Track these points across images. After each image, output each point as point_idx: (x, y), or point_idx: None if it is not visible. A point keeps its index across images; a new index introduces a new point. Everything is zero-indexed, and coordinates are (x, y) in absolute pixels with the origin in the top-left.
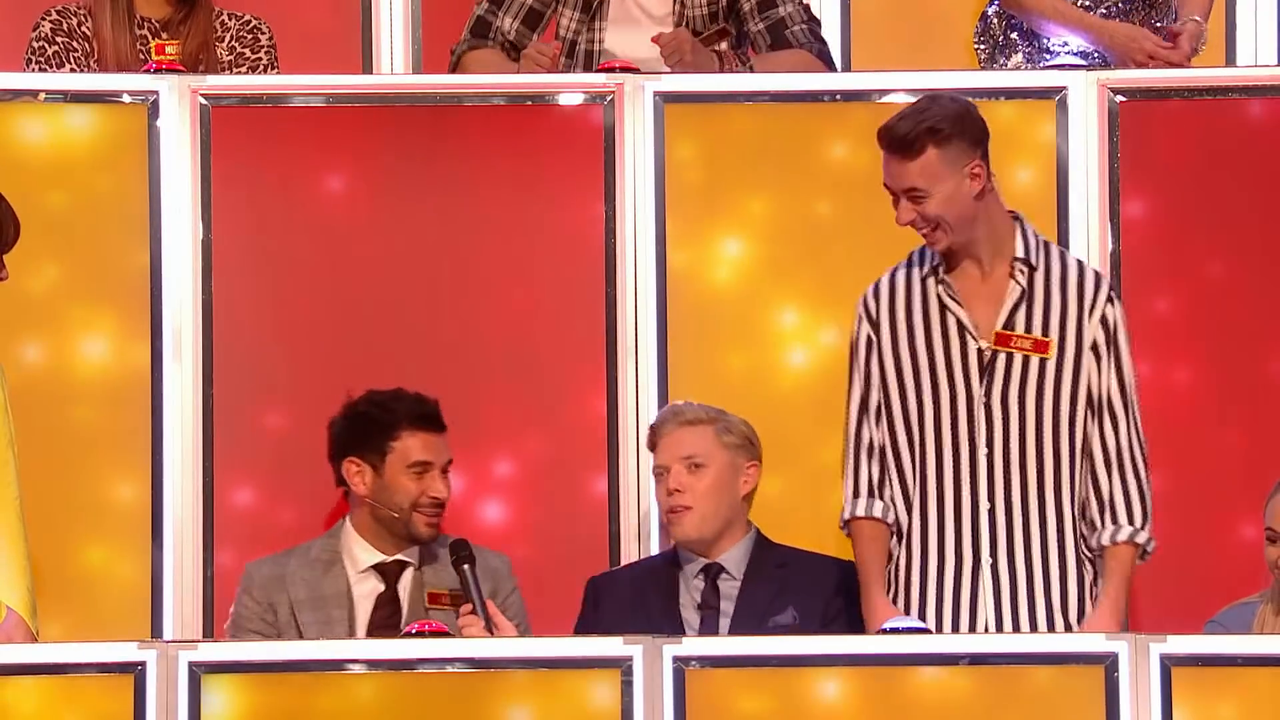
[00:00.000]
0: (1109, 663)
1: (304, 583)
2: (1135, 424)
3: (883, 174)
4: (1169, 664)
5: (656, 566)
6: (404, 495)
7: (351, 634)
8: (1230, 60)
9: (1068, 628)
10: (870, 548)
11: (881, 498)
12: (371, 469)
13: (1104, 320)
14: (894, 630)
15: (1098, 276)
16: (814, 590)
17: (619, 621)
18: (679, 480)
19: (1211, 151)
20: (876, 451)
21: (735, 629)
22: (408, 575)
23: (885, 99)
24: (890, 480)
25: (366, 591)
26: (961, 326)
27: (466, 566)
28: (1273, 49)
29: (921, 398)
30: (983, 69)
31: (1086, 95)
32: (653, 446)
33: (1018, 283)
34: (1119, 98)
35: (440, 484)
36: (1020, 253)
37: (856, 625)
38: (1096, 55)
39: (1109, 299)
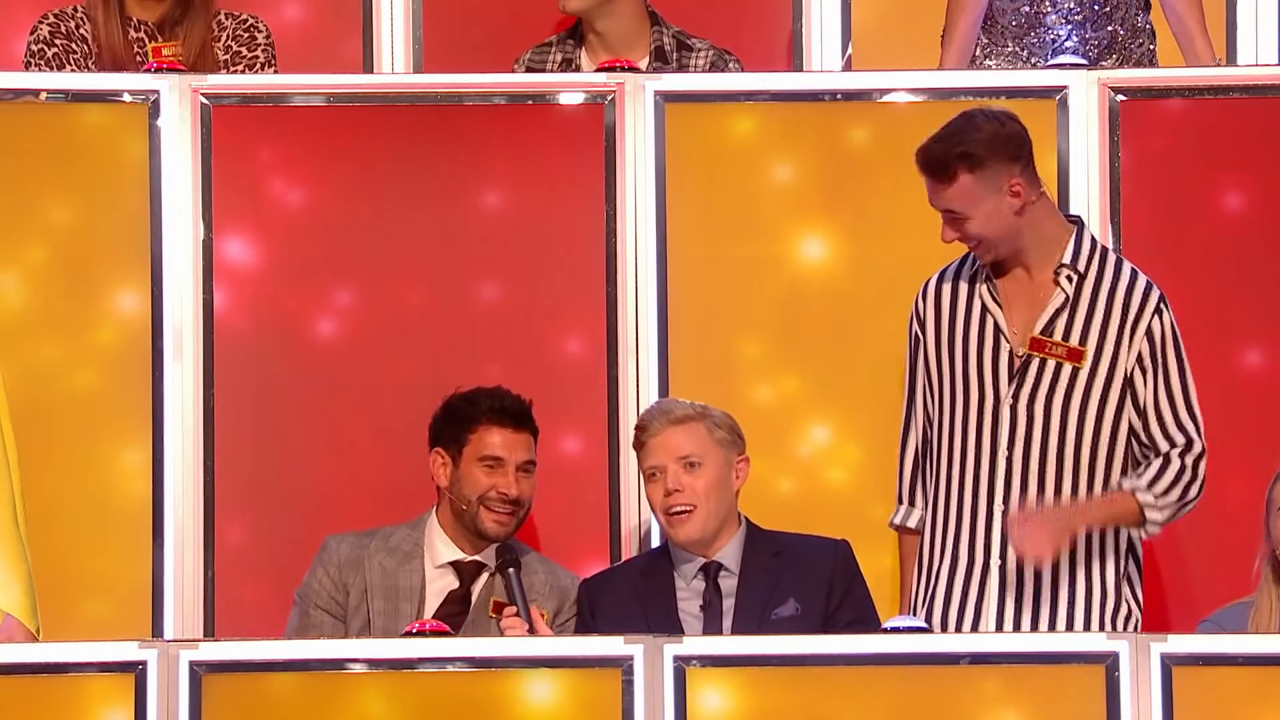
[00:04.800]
0: (1109, 662)
1: (381, 569)
2: (1190, 430)
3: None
4: (1169, 664)
5: (649, 564)
6: (473, 488)
7: None
8: (1230, 60)
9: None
10: (909, 557)
11: (919, 505)
12: (451, 461)
13: (1150, 334)
14: (894, 629)
15: (1148, 287)
16: (812, 578)
17: (616, 622)
18: (677, 480)
19: (1211, 151)
20: (919, 453)
21: (738, 625)
22: (484, 578)
23: (885, 99)
24: (926, 482)
25: (439, 588)
26: (998, 329)
27: (511, 570)
28: (1273, 49)
29: (954, 398)
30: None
31: (1087, 95)
32: (640, 446)
33: (1062, 289)
34: (1119, 97)
35: (512, 481)
36: (1068, 259)
37: (863, 604)
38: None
39: (1157, 311)
